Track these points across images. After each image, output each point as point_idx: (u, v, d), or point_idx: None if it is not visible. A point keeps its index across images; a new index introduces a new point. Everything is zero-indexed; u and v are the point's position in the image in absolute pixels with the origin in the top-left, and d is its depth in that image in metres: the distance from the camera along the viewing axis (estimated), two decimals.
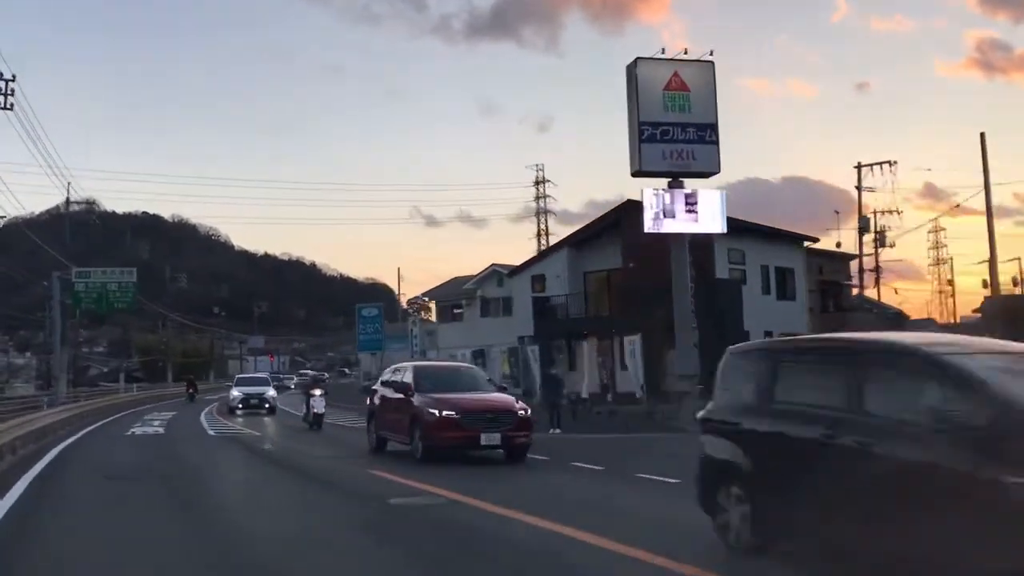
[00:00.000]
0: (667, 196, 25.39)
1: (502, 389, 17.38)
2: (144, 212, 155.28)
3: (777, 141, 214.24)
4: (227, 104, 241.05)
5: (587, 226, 39.41)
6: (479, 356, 39.71)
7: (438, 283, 67.26)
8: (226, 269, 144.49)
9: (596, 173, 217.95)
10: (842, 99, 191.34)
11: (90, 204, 51.44)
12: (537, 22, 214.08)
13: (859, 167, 44.48)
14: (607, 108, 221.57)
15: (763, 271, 36.13)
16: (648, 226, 25.17)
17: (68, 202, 51.72)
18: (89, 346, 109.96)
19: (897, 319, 45.33)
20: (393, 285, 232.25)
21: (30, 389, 64.34)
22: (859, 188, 44.17)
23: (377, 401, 17.77)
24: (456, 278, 49.14)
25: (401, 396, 15.84)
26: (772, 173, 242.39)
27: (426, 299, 67.92)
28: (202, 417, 36.18)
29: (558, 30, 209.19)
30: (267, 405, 34.33)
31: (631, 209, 37.24)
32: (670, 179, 25.62)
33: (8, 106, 31.59)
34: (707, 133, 25.53)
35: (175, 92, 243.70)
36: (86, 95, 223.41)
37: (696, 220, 25.37)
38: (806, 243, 39.16)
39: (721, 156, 25.47)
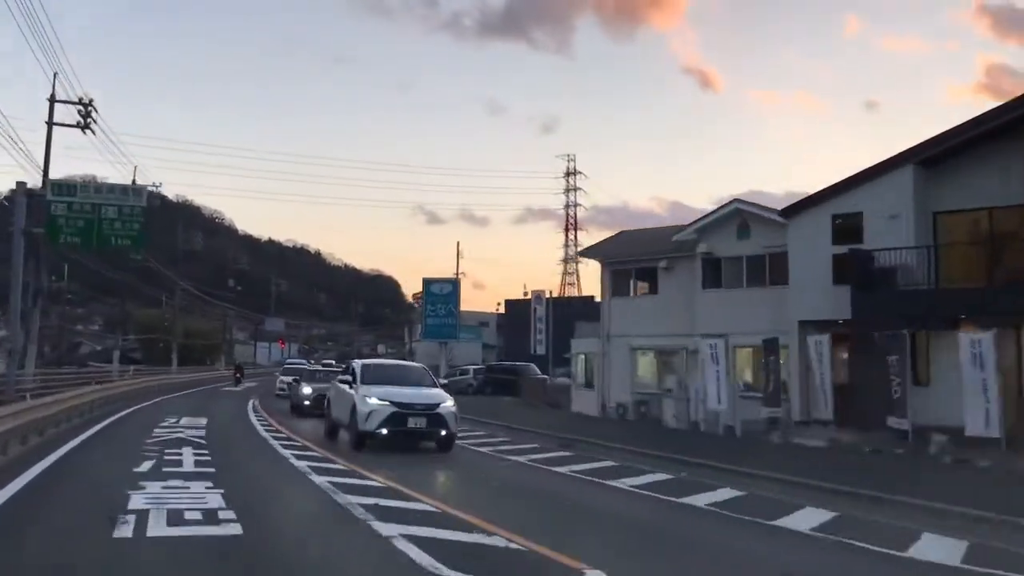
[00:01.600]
0: None
1: None
2: (151, 187, 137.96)
3: (784, 154, 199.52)
4: (234, 88, 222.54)
5: (948, 133, 21.54)
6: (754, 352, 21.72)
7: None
8: (230, 253, 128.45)
9: (600, 179, 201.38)
10: (851, 116, 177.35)
11: (86, 106, 31.75)
12: (549, 25, 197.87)
13: None
14: (616, 113, 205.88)
15: None
16: None
17: (53, 99, 33.25)
18: (84, 323, 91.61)
19: None
20: (398, 277, 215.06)
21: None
22: None
23: None
24: (625, 231, 31.08)
25: None
26: (778, 186, 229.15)
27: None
28: (265, 433, 18.04)
29: (569, 33, 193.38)
30: (443, 432, 14.95)
31: None
32: None
33: None
34: None
35: (181, 73, 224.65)
36: (83, 72, 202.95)
37: None
38: None
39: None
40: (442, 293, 50.52)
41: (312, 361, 60.96)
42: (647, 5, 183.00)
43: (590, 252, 29.51)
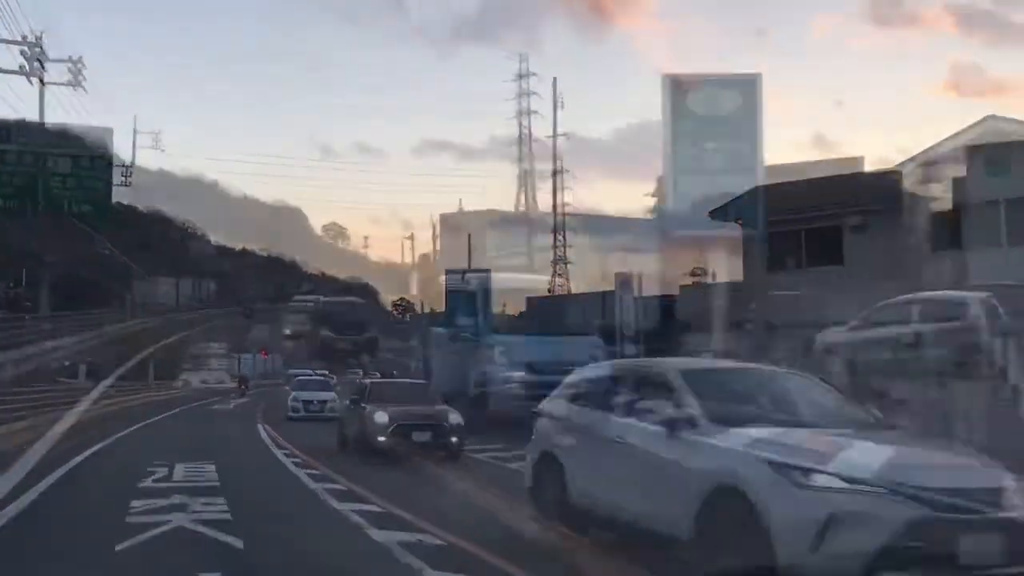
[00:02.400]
0: None
1: None
2: (118, 202, 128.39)
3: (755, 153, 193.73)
4: (201, 89, 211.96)
5: None
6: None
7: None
8: (208, 253, 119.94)
9: (577, 181, 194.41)
10: (822, 114, 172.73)
11: (31, 46, 22.65)
12: (516, 25, 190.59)
13: None
14: (589, 115, 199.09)
15: None
16: None
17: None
18: (54, 337, 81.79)
19: None
20: (377, 286, 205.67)
21: None
22: None
23: None
24: (760, 186, 22.85)
25: None
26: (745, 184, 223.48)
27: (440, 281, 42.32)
28: (337, 503, 9.39)
29: (537, 33, 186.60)
30: None
31: None
32: None
33: None
34: None
35: (148, 74, 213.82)
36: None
37: None
38: None
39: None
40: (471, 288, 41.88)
41: (315, 372, 52.04)
42: (615, 7, 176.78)
43: (724, 213, 21.23)
